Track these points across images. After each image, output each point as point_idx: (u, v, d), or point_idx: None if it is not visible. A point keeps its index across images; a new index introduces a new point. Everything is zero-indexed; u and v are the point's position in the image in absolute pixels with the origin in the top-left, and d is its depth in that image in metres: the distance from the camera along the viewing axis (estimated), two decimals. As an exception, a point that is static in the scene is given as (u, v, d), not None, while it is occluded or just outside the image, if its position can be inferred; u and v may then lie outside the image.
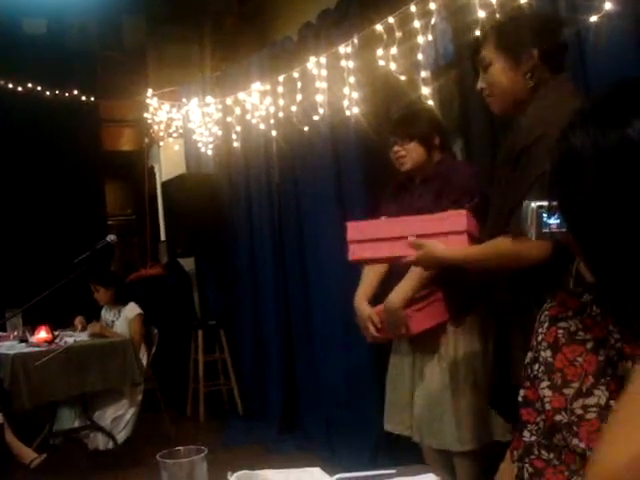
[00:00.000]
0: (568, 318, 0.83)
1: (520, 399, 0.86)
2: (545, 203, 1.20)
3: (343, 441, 4.49)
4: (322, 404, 4.87)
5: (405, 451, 3.33)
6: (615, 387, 0.75)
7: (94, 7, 6.37)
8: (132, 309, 5.19)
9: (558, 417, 0.78)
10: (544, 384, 0.81)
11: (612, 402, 0.75)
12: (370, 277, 3.10)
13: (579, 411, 0.76)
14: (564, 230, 1.18)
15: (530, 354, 0.86)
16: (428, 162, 2.97)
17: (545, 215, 1.19)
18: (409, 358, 2.99)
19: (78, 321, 5.22)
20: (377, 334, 2.91)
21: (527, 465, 0.82)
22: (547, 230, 1.17)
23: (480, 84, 2.18)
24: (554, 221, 1.18)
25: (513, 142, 2.03)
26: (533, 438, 0.83)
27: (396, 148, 2.97)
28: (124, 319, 5.15)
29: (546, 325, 0.84)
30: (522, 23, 2.17)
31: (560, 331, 0.82)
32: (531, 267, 1.96)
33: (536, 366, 0.83)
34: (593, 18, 2.42)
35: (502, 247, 2.05)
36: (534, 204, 1.21)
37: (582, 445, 0.75)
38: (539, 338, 0.85)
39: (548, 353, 0.82)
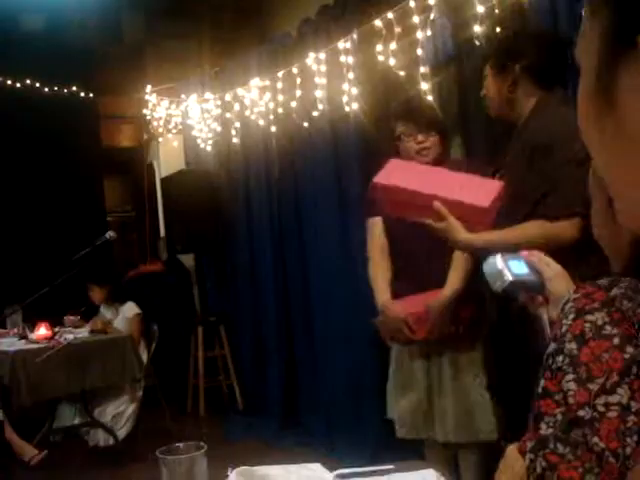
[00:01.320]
0: (595, 310, 0.80)
1: (540, 390, 0.84)
2: (508, 254, 1.22)
3: (343, 437, 4.50)
4: (322, 400, 4.88)
5: (406, 447, 3.33)
6: (638, 387, 0.74)
7: (92, 3, 6.35)
8: (131, 309, 5.17)
9: (581, 412, 0.76)
10: (569, 377, 0.79)
11: (632, 403, 0.73)
12: (385, 274, 2.99)
13: (601, 408, 0.75)
14: (532, 278, 1.19)
15: (553, 345, 0.83)
16: (441, 161, 2.85)
17: (512, 263, 1.20)
18: (420, 361, 2.92)
19: (68, 320, 5.19)
20: (411, 336, 2.80)
21: (540, 458, 0.80)
22: (516, 279, 1.18)
23: (483, 91, 2.41)
24: (522, 270, 1.20)
25: (524, 143, 2.18)
26: (549, 431, 0.81)
27: (421, 137, 2.82)
28: (122, 318, 5.13)
29: (571, 317, 0.82)
30: (508, 40, 2.38)
31: (587, 324, 0.79)
32: (562, 250, 1.99)
33: (560, 358, 0.81)
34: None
35: (533, 231, 2.15)
36: (499, 256, 1.23)
37: (601, 444, 0.73)
38: (563, 329, 0.82)
39: (573, 345, 0.79)
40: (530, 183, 2.13)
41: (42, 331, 4.64)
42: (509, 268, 1.20)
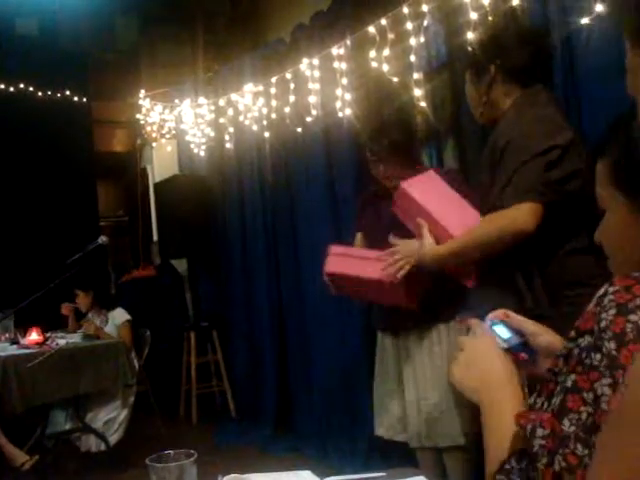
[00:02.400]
0: (637, 309, 0.77)
1: (570, 384, 0.81)
2: (490, 319, 1.19)
3: (336, 443, 4.49)
4: (315, 406, 4.87)
5: (398, 453, 3.33)
6: None
7: (87, 7, 6.36)
8: (120, 315, 5.13)
9: None
10: (605, 380, 0.75)
11: None
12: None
13: None
14: (516, 341, 1.18)
15: (588, 338, 0.79)
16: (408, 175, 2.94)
17: (497, 329, 1.18)
18: (394, 365, 2.99)
19: (66, 309, 5.17)
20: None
21: (560, 457, 0.78)
22: (509, 345, 1.16)
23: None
24: (507, 334, 1.18)
25: (492, 147, 2.14)
26: (572, 429, 0.78)
27: (382, 168, 2.94)
28: (112, 325, 5.08)
29: (612, 312, 0.78)
30: (484, 40, 2.30)
31: (629, 325, 0.75)
32: (518, 243, 2.00)
33: (597, 356, 0.77)
34: (584, 20, 2.42)
35: (486, 226, 2.14)
36: (489, 320, 1.20)
37: None
38: (602, 324, 0.77)
39: (612, 345, 0.76)
40: (496, 185, 2.11)
41: (34, 336, 4.62)
42: (498, 335, 1.18)
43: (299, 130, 4.72)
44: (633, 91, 0.69)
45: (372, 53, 3.74)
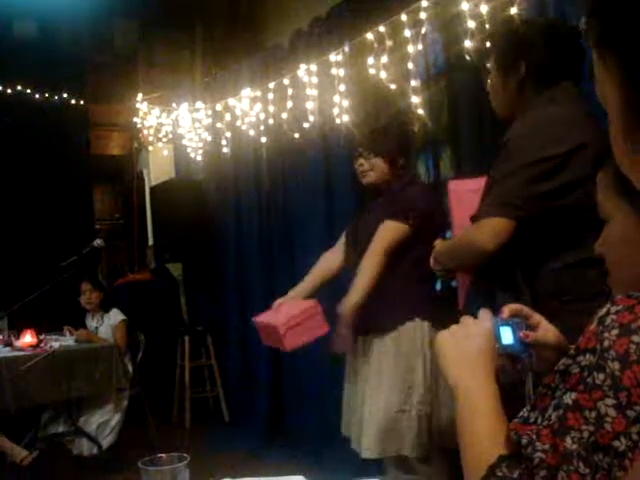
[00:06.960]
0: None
1: (570, 401, 0.81)
2: (499, 319, 1.18)
3: (330, 450, 4.48)
4: (308, 412, 4.86)
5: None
6: None
7: (85, 11, 6.35)
8: (116, 315, 5.13)
9: (616, 443, 0.73)
10: (609, 401, 0.75)
11: None
12: (319, 271, 3.38)
13: (635, 437, 0.72)
14: (517, 348, 1.16)
15: (590, 357, 0.79)
16: (392, 181, 2.96)
17: (502, 330, 1.17)
18: (353, 376, 3.05)
19: (66, 329, 5.17)
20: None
21: (563, 474, 0.78)
22: (504, 350, 1.14)
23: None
24: (509, 340, 1.17)
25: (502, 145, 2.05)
26: (574, 447, 0.78)
27: (361, 161, 2.98)
28: (108, 325, 5.09)
29: (615, 332, 0.77)
30: (513, 35, 2.19)
31: (633, 346, 0.75)
32: (484, 259, 1.93)
33: (601, 376, 0.76)
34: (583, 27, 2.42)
35: (457, 237, 2.15)
36: (498, 319, 1.18)
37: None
38: (605, 344, 0.77)
39: (616, 365, 0.75)
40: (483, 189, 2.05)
41: (27, 338, 4.61)
42: (499, 336, 1.15)
43: (296, 136, 4.72)
44: (602, 95, 0.70)
45: (370, 60, 3.75)
